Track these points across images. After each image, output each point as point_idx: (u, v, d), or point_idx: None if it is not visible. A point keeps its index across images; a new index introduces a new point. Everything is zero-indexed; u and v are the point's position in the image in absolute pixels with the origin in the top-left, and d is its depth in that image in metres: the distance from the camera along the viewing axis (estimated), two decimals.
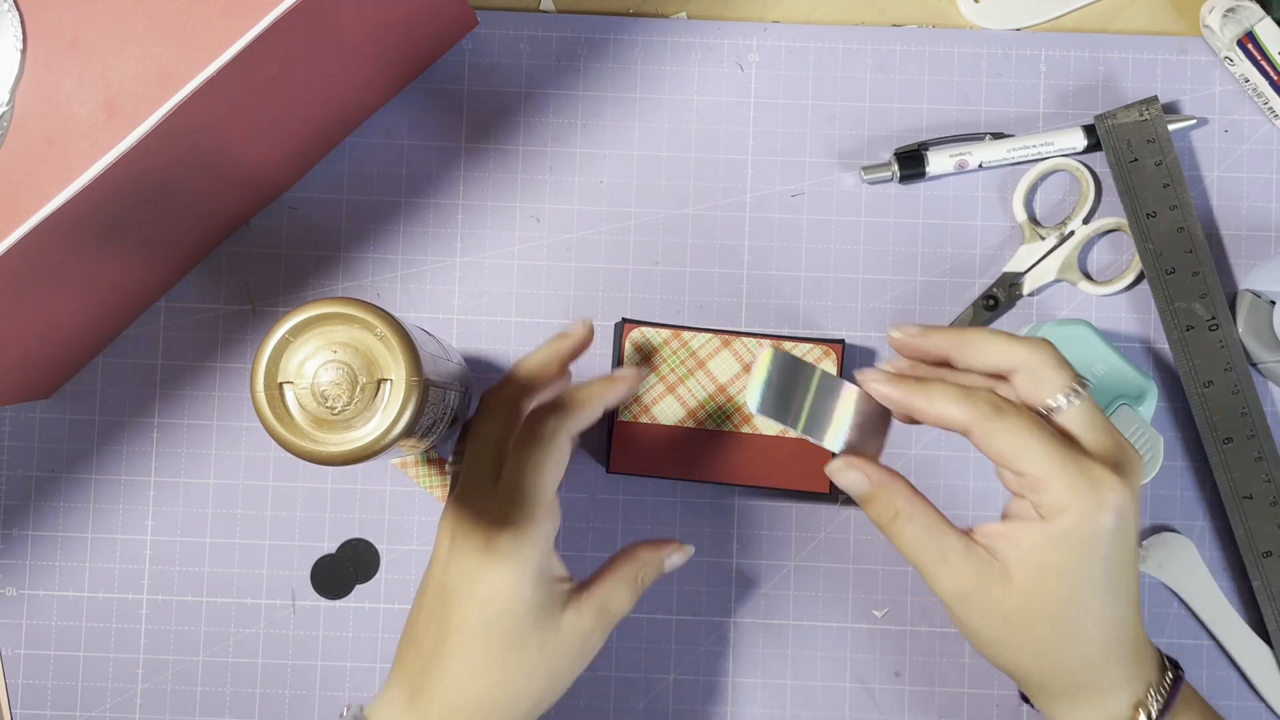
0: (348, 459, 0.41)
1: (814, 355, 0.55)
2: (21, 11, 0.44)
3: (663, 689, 0.59)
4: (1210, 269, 0.58)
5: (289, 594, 0.60)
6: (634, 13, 0.61)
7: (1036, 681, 0.46)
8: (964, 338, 0.46)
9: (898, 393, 0.45)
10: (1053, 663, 0.45)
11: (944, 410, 0.44)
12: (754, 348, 0.56)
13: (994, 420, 0.43)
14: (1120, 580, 0.44)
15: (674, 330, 0.57)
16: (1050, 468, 0.42)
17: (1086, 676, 0.45)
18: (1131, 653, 0.45)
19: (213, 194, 0.54)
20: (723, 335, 0.57)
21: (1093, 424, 0.44)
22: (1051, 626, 0.44)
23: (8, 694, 0.59)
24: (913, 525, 0.45)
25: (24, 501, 0.60)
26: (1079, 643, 0.44)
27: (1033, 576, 0.43)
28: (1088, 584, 0.43)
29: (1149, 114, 0.58)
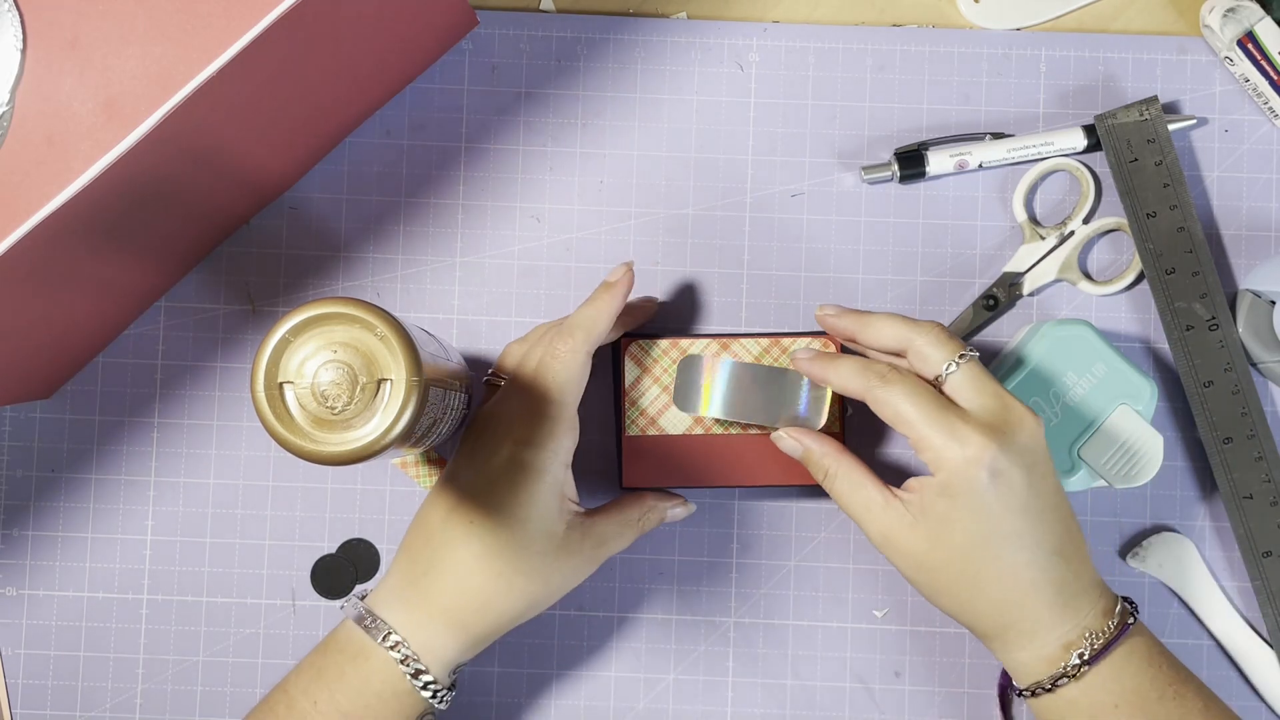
0: (348, 459, 0.41)
1: (815, 347, 0.56)
2: (21, 11, 0.44)
3: (663, 689, 0.59)
4: (1210, 269, 0.58)
5: (289, 594, 0.60)
6: (634, 13, 0.61)
7: (966, 620, 0.51)
8: (864, 320, 0.52)
9: (815, 367, 0.53)
10: (967, 604, 0.50)
11: (846, 380, 0.51)
12: (752, 348, 0.56)
13: (881, 388, 0.50)
14: (1019, 528, 0.48)
15: (672, 339, 0.56)
16: (924, 429, 0.48)
17: (1004, 618, 0.49)
18: (1055, 596, 0.49)
19: (213, 194, 0.54)
20: (720, 339, 0.56)
21: (976, 388, 0.49)
22: (956, 571, 0.49)
23: (8, 694, 0.59)
24: (840, 481, 0.52)
25: (24, 501, 0.60)
26: (984, 586, 0.49)
27: (931, 525, 0.49)
28: (979, 532, 0.48)
29: (1149, 114, 0.58)
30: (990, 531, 0.48)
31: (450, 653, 0.50)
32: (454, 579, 0.50)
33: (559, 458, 0.51)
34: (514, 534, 0.50)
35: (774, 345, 0.56)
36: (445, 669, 0.50)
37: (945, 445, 0.48)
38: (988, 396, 0.49)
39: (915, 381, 0.50)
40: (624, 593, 0.60)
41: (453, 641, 0.50)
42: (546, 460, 0.50)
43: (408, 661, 0.49)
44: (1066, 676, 0.49)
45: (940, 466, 0.48)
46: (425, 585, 0.50)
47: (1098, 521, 0.59)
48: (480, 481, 0.50)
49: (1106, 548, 0.59)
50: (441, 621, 0.50)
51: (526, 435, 0.50)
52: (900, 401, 0.49)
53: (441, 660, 0.50)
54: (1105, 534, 0.59)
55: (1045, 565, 0.49)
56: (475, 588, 0.50)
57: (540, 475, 0.50)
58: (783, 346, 0.56)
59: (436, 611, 0.50)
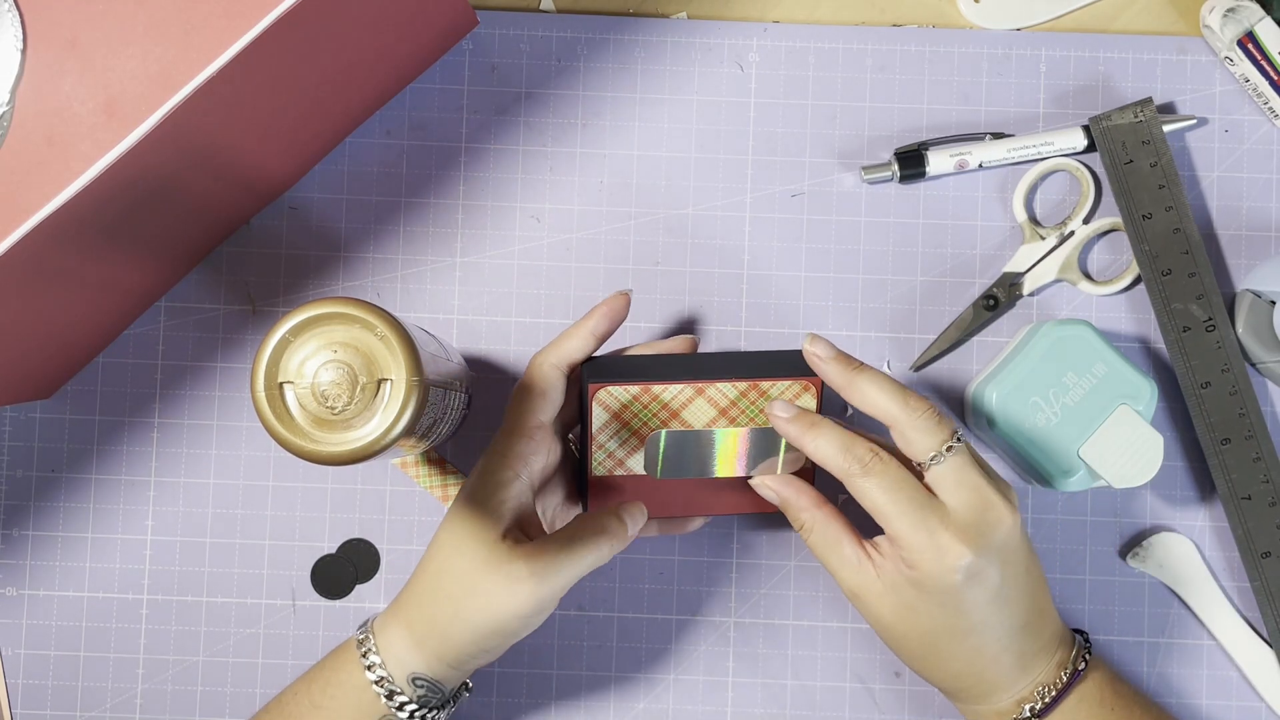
0: (348, 459, 0.41)
1: (794, 390, 0.52)
2: (21, 11, 0.44)
3: (663, 689, 0.59)
4: (1207, 270, 0.58)
5: (289, 594, 0.60)
6: (634, 13, 0.61)
7: (930, 682, 0.52)
8: (851, 380, 0.49)
9: (792, 429, 0.50)
10: (926, 670, 0.51)
11: (824, 456, 0.49)
12: (729, 392, 0.52)
13: (861, 478, 0.48)
14: (987, 618, 0.48)
15: (642, 385, 0.51)
16: (902, 529, 0.48)
17: (961, 684, 0.51)
18: (1014, 663, 0.50)
19: (213, 194, 0.54)
20: (695, 384, 0.52)
21: (958, 482, 0.48)
22: (916, 646, 0.50)
23: (8, 694, 0.59)
24: (815, 535, 0.51)
25: (24, 501, 0.60)
26: (945, 663, 0.50)
27: (896, 603, 0.49)
28: (945, 623, 0.48)
29: (1144, 115, 0.58)
30: (956, 624, 0.48)
31: (401, 650, 0.49)
32: (416, 574, 0.51)
33: (506, 463, 0.49)
34: (462, 532, 0.49)
35: (752, 389, 0.52)
36: (401, 670, 0.49)
37: (922, 549, 0.47)
38: (968, 490, 0.48)
39: (895, 473, 0.48)
40: (624, 593, 0.60)
41: (402, 640, 0.49)
42: (490, 462, 0.50)
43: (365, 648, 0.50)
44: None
45: (914, 565, 0.48)
46: (403, 590, 0.51)
47: (1098, 521, 0.59)
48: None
49: (1106, 548, 0.59)
50: (398, 620, 0.50)
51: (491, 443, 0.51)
52: (879, 494, 0.48)
53: (396, 659, 0.49)
54: (1105, 534, 0.59)
55: (1008, 643, 0.49)
56: (418, 583, 0.50)
57: (485, 479, 0.49)
58: (761, 390, 0.52)
59: (398, 610, 0.51)
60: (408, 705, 0.49)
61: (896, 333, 0.60)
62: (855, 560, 0.50)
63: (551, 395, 0.51)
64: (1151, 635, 0.59)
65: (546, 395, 0.50)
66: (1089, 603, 0.59)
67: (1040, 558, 0.59)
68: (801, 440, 0.50)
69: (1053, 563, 0.59)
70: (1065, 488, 0.55)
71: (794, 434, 0.50)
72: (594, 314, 0.52)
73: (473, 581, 0.48)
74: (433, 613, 0.49)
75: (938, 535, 0.47)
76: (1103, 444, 0.55)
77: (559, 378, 0.51)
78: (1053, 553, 0.59)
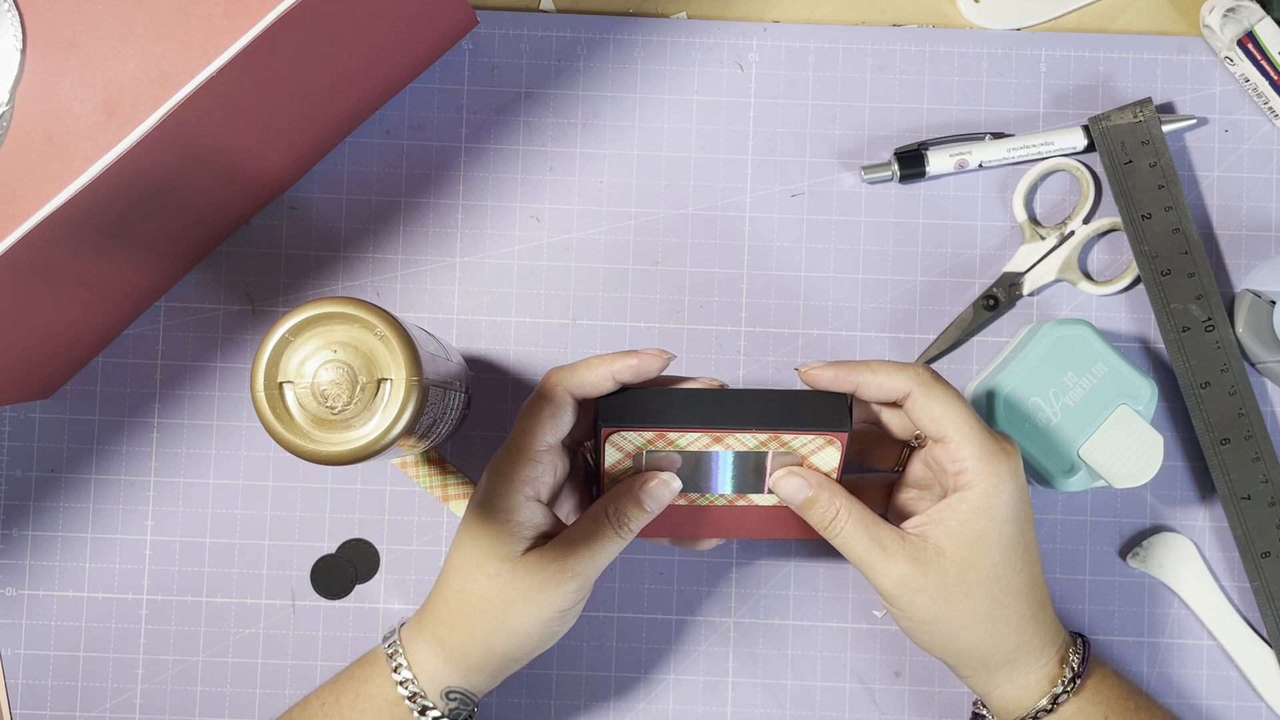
0: (348, 459, 0.41)
1: (817, 444, 0.49)
2: (21, 11, 0.44)
3: (663, 689, 0.59)
4: (1206, 270, 0.58)
5: (289, 594, 0.60)
6: (634, 13, 0.61)
7: (980, 655, 0.50)
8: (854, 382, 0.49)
9: (841, 371, 0.49)
10: (994, 627, 0.49)
11: (887, 379, 0.49)
12: (749, 442, 0.49)
13: (930, 385, 0.49)
14: (1031, 541, 0.50)
15: (658, 430, 0.48)
16: (969, 432, 0.48)
17: (1023, 636, 0.50)
18: (1048, 612, 0.51)
19: (213, 194, 0.54)
20: (712, 431, 0.48)
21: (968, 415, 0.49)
22: (988, 590, 0.49)
23: (8, 694, 0.59)
24: (852, 522, 0.49)
25: (24, 501, 0.60)
26: (1014, 601, 0.49)
27: (964, 546, 0.48)
28: (1009, 544, 0.49)
29: (1143, 115, 0.58)
30: (1018, 543, 0.49)
31: (434, 666, 0.50)
32: (440, 594, 0.51)
33: (514, 487, 0.48)
34: (480, 553, 0.49)
35: (773, 439, 0.49)
36: (434, 685, 0.50)
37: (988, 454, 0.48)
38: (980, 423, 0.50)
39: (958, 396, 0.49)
40: (624, 593, 0.60)
41: (434, 656, 0.50)
42: (498, 484, 0.49)
43: (395, 662, 0.50)
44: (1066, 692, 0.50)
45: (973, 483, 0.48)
46: (429, 605, 0.51)
47: (1098, 521, 0.59)
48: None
49: (1106, 548, 0.59)
50: (428, 635, 0.51)
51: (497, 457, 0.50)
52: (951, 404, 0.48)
53: (429, 674, 0.50)
54: (1105, 534, 0.59)
55: (1042, 579, 0.51)
56: (451, 602, 0.50)
57: (488, 497, 0.49)
58: (782, 441, 0.49)
59: (426, 625, 0.51)
60: (433, 711, 0.50)
61: (896, 333, 0.60)
62: (899, 536, 0.49)
63: (562, 419, 0.49)
64: (1151, 635, 0.59)
65: (557, 419, 0.49)
66: (1089, 603, 0.59)
67: (1041, 558, 0.59)
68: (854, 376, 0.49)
69: (1053, 563, 0.59)
70: (1065, 488, 0.55)
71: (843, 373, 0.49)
72: (623, 360, 0.48)
73: (505, 595, 0.48)
74: (468, 630, 0.49)
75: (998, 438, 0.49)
76: (1103, 444, 0.55)
77: (572, 404, 0.49)
78: (1053, 553, 0.59)
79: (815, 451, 0.50)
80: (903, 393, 0.49)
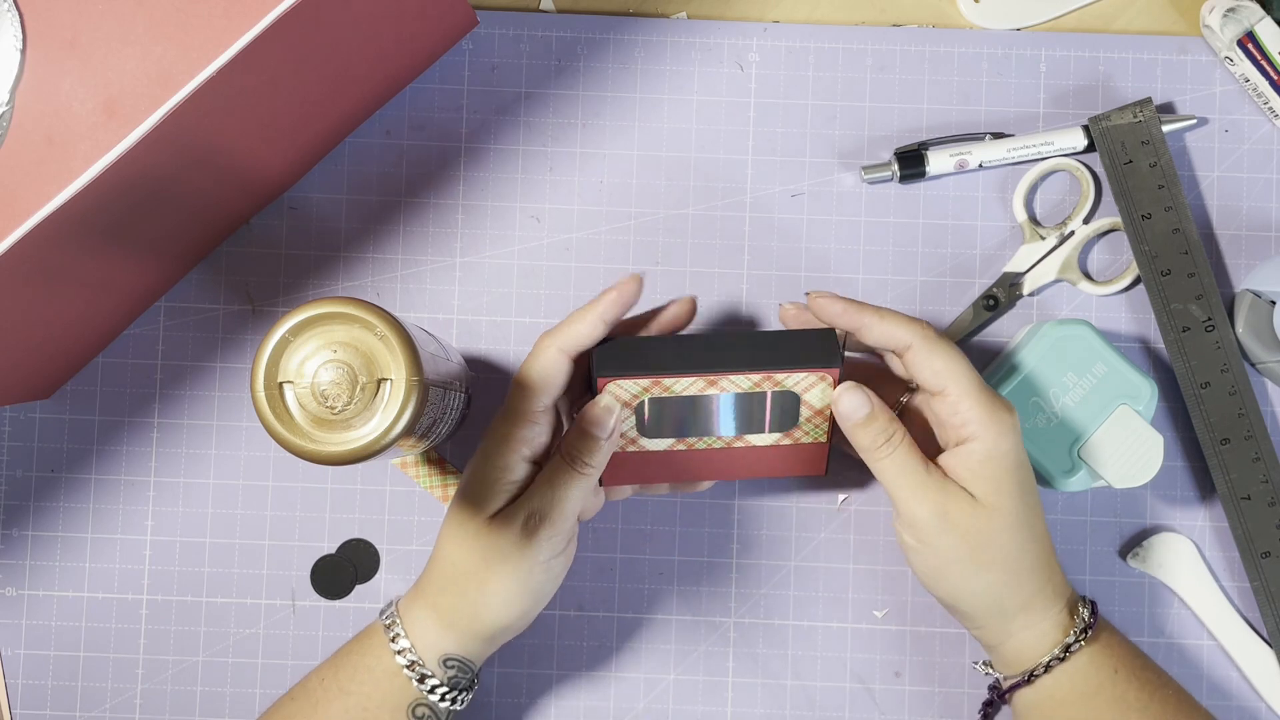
0: (348, 459, 0.41)
1: (809, 381, 0.51)
2: (21, 11, 0.44)
3: (663, 689, 0.59)
4: (1206, 270, 0.58)
5: (289, 594, 0.60)
6: (634, 13, 0.61)
7: (998, 600, 0.50)
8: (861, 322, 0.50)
9: (850, 309, 0.50)
10: (1014, 570, 0.50)
11: (893, 328, 0.50)
12: (743, 384, 0.51)
13: (934, 340, 0.50)
14: (1035, 491, 0.51)
15: (653, 378, 0.50)
16: (969, 385, 0.49)
17: (1039, 582, 0.51)
18: (1056, 564, 0.52)
19: (213, 194, 0.54)
20: (706, 375, 0.50)
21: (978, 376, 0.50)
22: (1013, 534, 0.50)
23: (8, 694, 0.59)
24: (904, 449, 0.50)
25: (24, 501, 0.60)
26: (1033, 545, 0.50)
27: (985, 492, 0.49)
28: (1023, 490, 0.50)
29: (1143, 115, 0.58)
30: (1029, 489, 0.50)
31: (431, 634, 0.51)
32: (432, 562, 0.51)
33: (509, 447, 0.49)
34: (463, 514, 0.50)
35: (766, 380, 0.51)
36: (432, 653, 0.50)
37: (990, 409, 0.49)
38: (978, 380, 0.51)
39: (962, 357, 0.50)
40: (624, 593, 0.60)
41: (431, 623, 0.51)
42: (494, 446, 0.50)
43: (393, 633, 0.51)
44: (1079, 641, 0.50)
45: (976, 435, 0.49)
46: (422, 576, 0.52)
47: (1098, 521, 0.59)
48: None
49: (1106, 548, 0.59)
50: (422, 603, 0.51)
51: (492, 424, 0.51)
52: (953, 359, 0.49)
53: (426, 643, 0.51)
54: (1105, 534, 0.59)
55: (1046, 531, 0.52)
56: (440, 568, 0.51)
57: (487, 463, 0.50)
58: (776, 381, 0.51)
59: (421, 594, 0.51)
60: (438, 688, 0.50)
61: None
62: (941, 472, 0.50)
63: (555, 380, 0.50)
64: (1151, 635, 0.59)
65: (550, 380, 0.50)
66: None
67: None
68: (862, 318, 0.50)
69: None
70: (1065, 487, 0.55)
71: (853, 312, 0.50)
72: (604, 299, 0.50)
73: (485, 552, 0.49)
74: (458, 592, 0.50)
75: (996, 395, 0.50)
76: (1103, 444, 0.55)
77: (565, 363, 0.50)
78: None
79: (809, 389, 0.51)
80: (905, 344, 0.50)
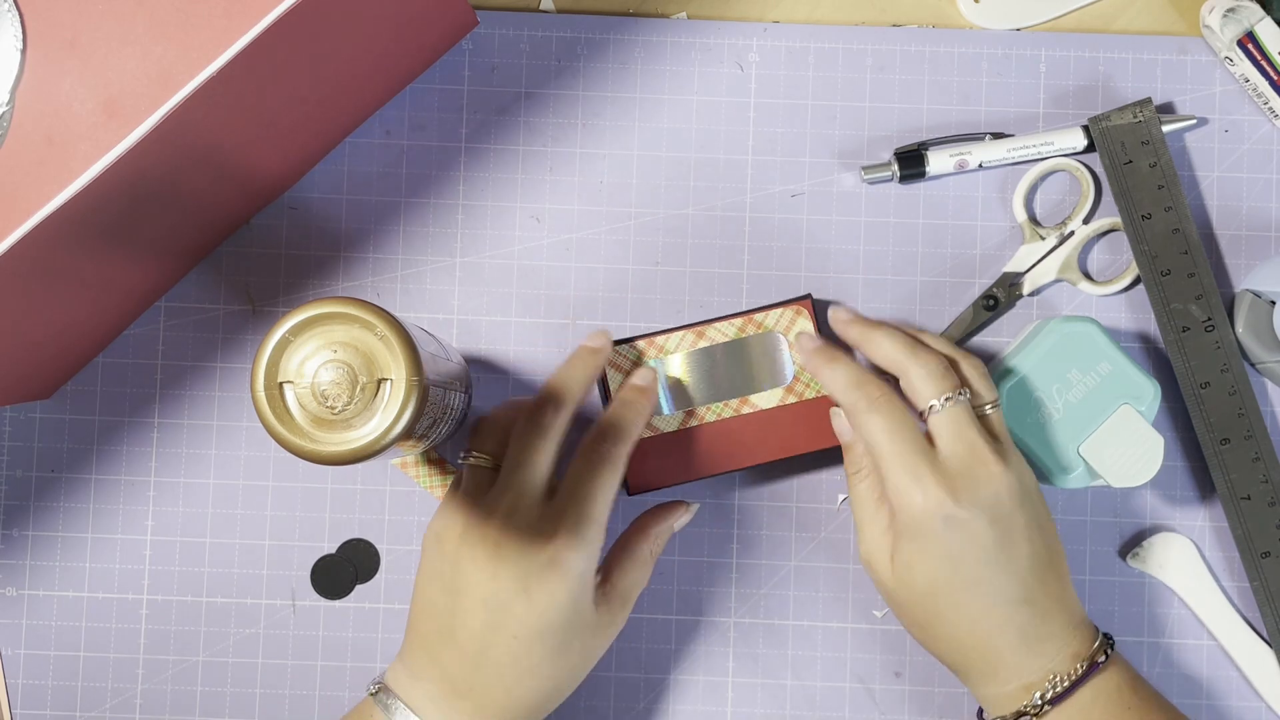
0: (348, 459, 0.41)
1: (788, 316, 0.56)
2: (21, 11, 0.44)
3: (663, 689, 0.59)
4: (1206, 270, 0.58)
5: (289, 594, 0.60)
6: (634, 13, 0.61)
7: (932, 653, 0.52)
8: (868, 334, 0.53)
9: (813, 360, 0.53)
10: (930, 641, 0.51)
11: (838, 388, 0.51)
12: (728, 330, 0.56)
13: (866, 413, 0.50)
14: (980, 576, 0.49)
15: (648, 340, 0.56)
16: (893, 469, 0.49)
17: (965, 658, 0.50)
18: (1018, 642, 0.49)
19: (213, 194, 0.54)
20: (693, 328, 0.56)
21: (953, 433, 0.49)
22: (919, 611, 0.50)
23: (8, 694, 0.59)
24: (864, 485, 0.53)
25: (24, 501, 0.60)
26: (945, 628, 0.50)
27: (898, 565, 0.50)
28: (938, 578, 0.49)
29: (1143, 115, 0.58)
30: (949, 580, 0.49)
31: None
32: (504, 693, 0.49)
33: (594, 560, 0.49)
34: (559, 641, 0.48)
35: (749, 323, 0.56)
36: None
37: (908, 490, 0.49)
38: (962, 444, 0.49)
39: (898, 416, 0.50)
40: None
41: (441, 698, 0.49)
42: (584, 563, 0.48)
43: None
44: (1028, 715, 0.49)
45: (901, 508, 0.49)
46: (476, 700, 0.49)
47: (1098, 522, 0.59)
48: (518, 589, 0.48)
49: (1106, 548, 0.59)
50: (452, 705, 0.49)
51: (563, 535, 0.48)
52: (880, 433, 0.49)
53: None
54: (1105, 534, 0.59)
55: (1008, 613, 0.49)
56: (525, 699, 0.49)
57: (581, 578, 0.48)
58: (757, 322, 0.56)
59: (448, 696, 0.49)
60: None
61: None
62: (886, 522, 0.51)
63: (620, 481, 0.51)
64: (1151, 635, 0.59)
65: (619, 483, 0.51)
66: (1089, 603, 0.59)
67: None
68: (820, 372, 0.52)
69: None
70: (1063, 484, 0.55)
71: (814, 367, 0.53)
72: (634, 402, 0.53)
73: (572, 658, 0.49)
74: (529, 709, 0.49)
75: (923, 479, 0.48)
76: (1103, 443, 0.55)
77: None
78: None
79: (790, 326, 0.56)
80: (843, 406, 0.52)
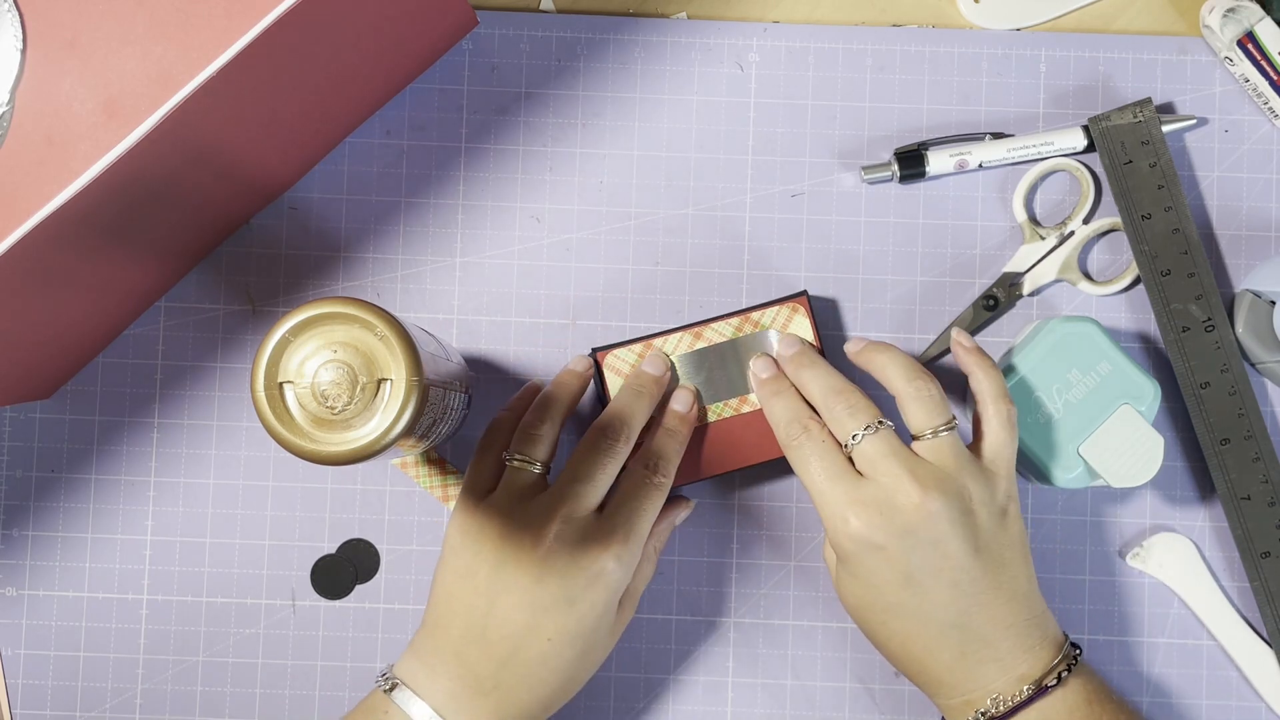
0: (348, 459, 0.41)
1: (784, 314, 0.56)
2: (21, 11, 0.44)
3: (663, 689, 0.59)
4: (1206, 270, 0.58)
5: (289, 594, 0.60)
6: (634, 13, 0.61)
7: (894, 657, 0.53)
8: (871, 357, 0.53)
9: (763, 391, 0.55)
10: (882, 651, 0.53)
11: (777, 419, 0.53)
12: (725, 330, 0.56)
13: (788, 444, 0.53)
14: (902, 600, 0.50)
15: (644, 342, 0.56)
16: (817, 496, 0.51)
17: (906, 671, 0.52)
18: (954, 662, 0.50)
19: (213, 194, 0.54)
20: (691, 329, 0.56)
21: (872, 463, 0.50)
22: (862, 625, 0.53)
23: (8, 694, 0.59)
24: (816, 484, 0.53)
25: (24, 501, 0.60)
26: (881, 645, 0.52)
27: (837, 581, 0.53)
28: (864, 600, 0.51)
29: (1143, 115, 0.58)
30: (872, 602, 0.51)
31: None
32: (529, 691, 0.50)
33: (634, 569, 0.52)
34: (590, 643, 0.51)
35: (745, 322, 0.56)
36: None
37: (830, 515, 0.50)
38: (882, 473, 0.50)
39: (827, 446, 0.51)
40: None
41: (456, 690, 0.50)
42: (626, 577, 0.51)
43: None
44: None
45: (829, 534, 0.51)
46: (499, 698, 0.50)
47: (1097, 522, 0.59)
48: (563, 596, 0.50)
49: (1106, 548, 0.59)
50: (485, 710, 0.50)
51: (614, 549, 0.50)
52: (807, 461, 0.51)
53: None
54: (1105, 534, 0.59)
55: (937, 635, 0.50)
56: (549, 695, 0.51)
57: (619, 589, 0.51)
58: (754, 321, 0.56)
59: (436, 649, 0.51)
60: None
61: (896, 333, 0.60)
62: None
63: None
64: (1151, 635, 0.59)
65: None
66: (1089, 603, 0.59)
67: (1040, 558, 0.59)
68: (765, 401, 0.54)
69: (1053, 563, 0.59)
70: (1063, 484, 0.55)
71: (760, 398, 0.55)
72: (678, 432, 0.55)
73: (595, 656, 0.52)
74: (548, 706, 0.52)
75: (841, 505, 0.50)
76: (1103, 442, 0.55)
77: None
78: (1053, 553, 0.59)
79: (787, 324, 0.56)
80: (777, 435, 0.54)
